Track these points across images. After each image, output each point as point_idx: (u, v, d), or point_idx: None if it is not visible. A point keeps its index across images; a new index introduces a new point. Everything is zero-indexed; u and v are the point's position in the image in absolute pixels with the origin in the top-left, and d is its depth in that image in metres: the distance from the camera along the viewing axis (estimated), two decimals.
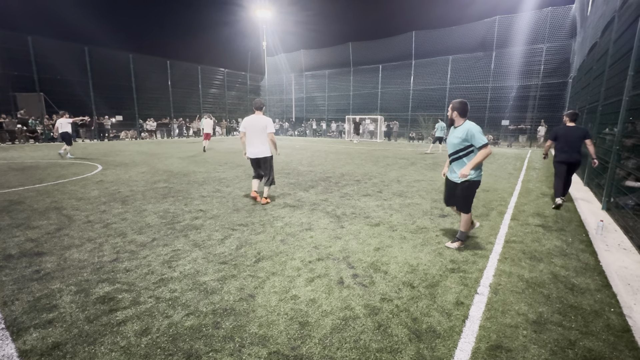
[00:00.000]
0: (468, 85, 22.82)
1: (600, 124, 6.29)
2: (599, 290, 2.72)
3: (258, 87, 35.74)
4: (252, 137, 5.15)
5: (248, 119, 5.17)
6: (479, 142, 3.20)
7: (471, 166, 3.21)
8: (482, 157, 3.19)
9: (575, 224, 4.55)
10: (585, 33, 11.58)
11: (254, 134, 5.14)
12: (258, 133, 5.13)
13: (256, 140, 5.16)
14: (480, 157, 3.20)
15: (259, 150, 5.21)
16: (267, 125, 5.16)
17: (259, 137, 5.15)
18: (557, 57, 19.77)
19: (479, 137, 3.20)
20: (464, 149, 3.33)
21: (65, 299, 2.49)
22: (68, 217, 4.56)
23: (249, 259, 3.25)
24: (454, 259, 3.32)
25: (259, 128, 5.13)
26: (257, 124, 5.13)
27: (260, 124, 5.13)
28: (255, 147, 5.19)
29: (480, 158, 3.19)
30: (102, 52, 22.50)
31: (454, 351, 1.98)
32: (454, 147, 3.41)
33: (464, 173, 3.22)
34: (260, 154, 5.24)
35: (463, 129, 3.31)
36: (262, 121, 5.14)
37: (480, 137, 3.20)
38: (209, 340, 2.05)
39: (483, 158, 3.20)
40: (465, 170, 3.23)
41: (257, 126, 5.13)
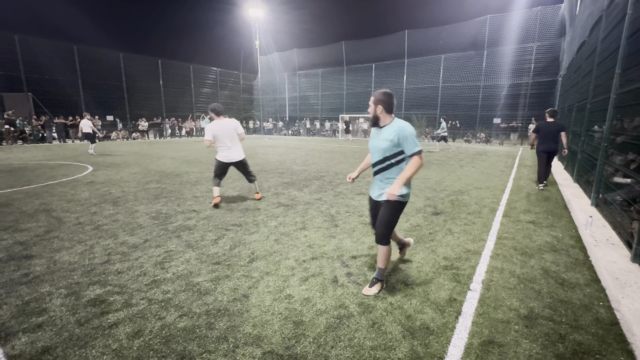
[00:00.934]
0: (460, 83, 23.05)
1: (589, 121, 6.40)
2: (588, 285, 2.77)
3: (251, 86, 35.57)
4: (225, 141, 5.03)
5: (214, 125, 4.96)
6: (413, 148, 2.42)
7: (402, 182, 2.41)
8: (415, 169, 2.42)
9: (565, 220, 4.62)
10: (574, 32, 11.77)
11: (226, 138, 5.02)
12: (230, 136, 5.04)
13: (229, 143, 5.06)
14: (413, 169, 2.42)
15: (236, 153, 5.17)
16: (237, 127, 5.13)
17: (232, 140, 5.08)
18: (547, 55, 20.09)
19: (413, 141, 2.43)
20: (394, 155, 2.52)
21: (55, 302, 2.45)
22: (58, 219, 4.49)
23: (243, 259, 3.24)
24: (446, 256, 3.35)
25: (229, 131, 5.03)
26: (226, 127, 5.01)
27: (230, 127, 5.04)
28: (231, 151, 5.11)
29: (413, 170, 2.42)
30: (91, 51, 22.17)
31: (447, 347, 2.00)
32: (381, 153, 2.56)
33: (393, 192, 2.39)
34: (237, 158, 5.21)
35: (392, 130, 2.50)
36: (231, 124, 5.06)
37: (415, 142, 2.44)
38: (202, 341, 2.03)
39: (416, 170, 2.44)
40: (394, 188, 2.40)
41: (227, 130, 5.01)
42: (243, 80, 34.33)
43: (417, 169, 2.44)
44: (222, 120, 5.02)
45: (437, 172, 8.97)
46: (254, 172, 5.61)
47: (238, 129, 5.13)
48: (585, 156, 6.31)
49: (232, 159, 5.15)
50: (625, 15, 4.16)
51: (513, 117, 21.96)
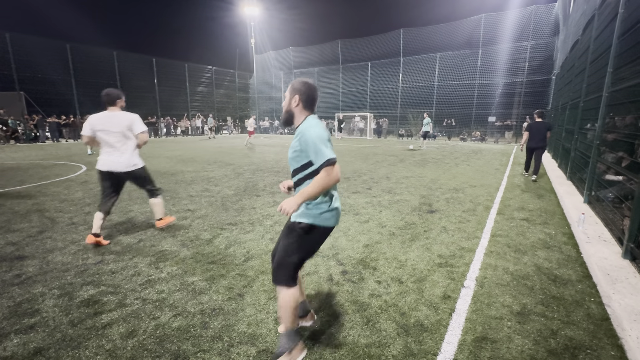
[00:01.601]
0: (455, 82, 23.15)
1: (582, 119, 6.46)
2: (580, 281, 2.81)
3: (247, 85, 35.42)
4: (110, 141, 3.51)
5: (97, 117, 3.51)
6: (318, 158, 1.64)
7: (301, 198, 1.63)
8: (319, 185, 1.62)
9: (558, 217, 4.67)
10: (568, 31, 11.86)
11: (112, 138, 3.50)
12: (118, 136, 3.51)
13: (117, 144, 3.52)
14: (316, 185, 1.62)
15: (122, 160, 3.54)
16: (132, 124, 3.55)
17: (121, 141, 3.52)
18: (541, 54, 20.24)
19: (321, 147, 1.63)
20: (303, 167, 1.77)
21: (48, 303, 2.43)
22: (51, 220, 4.44)
23: (238, 258, 3.23)
24: (441, 253, 3.37)
25: (119, 129, 3.49)
26: (114, 123, 3.48)
27: (120, 123, 3.49)
28: (115, 156, 3.53)
29: (317, 186, 1.62)
30: (84, 50, 21.92)
31: (441, 344, 2.02)
32: (291, 165, 1.84)
33: (285, 207, 1.61)
34: (122, 167, 3.53)
35: (297, 133, 1.78)
36: (123, 118, 3.51)
37: (320, 150, 1.63)
38: (197, 341, 2.03)
39: (322, 186, 1.62)
40: (288, 202, 1.62)
41: (114, 126, 3.48)
42: (239, 79, 34.16)
43: (323, 186, 1.62)
44: (111, 113, 3.52)
45: (432, 170, 9.01)
46: (158, 185, 4.05)
47: (134, 127, 3.55)
48: (578, 154, 6.37)
49: (114, 168, 3.52)
50: (617, 14, 4.20)
51: (508, 116, 22.13)
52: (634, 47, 3.65)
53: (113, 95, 3.55)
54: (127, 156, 3.56)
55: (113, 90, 3.57)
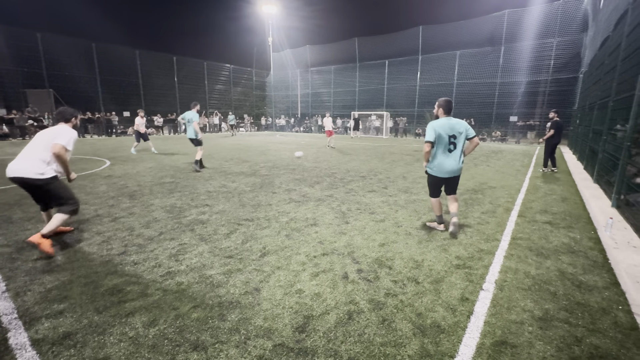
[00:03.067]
0: (475, 80, 22.53)
1: (611, 119, 6.16)
2: (607, 288, 2.69)
3: (264, 83, 35.73)
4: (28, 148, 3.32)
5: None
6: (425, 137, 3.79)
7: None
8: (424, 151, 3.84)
9: (583, 221, 4.49)
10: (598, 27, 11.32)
11: (30, 145, 3.33)
12: (38, 144, 3.32)
13: (29, 150, 3.31)
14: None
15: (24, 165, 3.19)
16: (57, 135, 3.28)
17: (36, 149, 3.30)
18: (568, 51, 19.39)
19: (429, 132, 3.70)
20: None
21: (76, 291, 2.54)
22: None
23: (255, 254, 3.28)
24: (459, 255, 3.31)
25: (43, 138, 3.34)
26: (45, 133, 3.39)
27: (48, 134, 3.35)
28: (21, 161, 3.23)
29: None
30: (109, 49, 22.71)
31: (459, 346, 1.98)
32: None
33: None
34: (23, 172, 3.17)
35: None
36: (53, 131, 3.36)
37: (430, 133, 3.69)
38: (215, 332, 2.08)
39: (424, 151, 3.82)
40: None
41: (42, 135, 3.37)
42: (256, 77, 34.51)
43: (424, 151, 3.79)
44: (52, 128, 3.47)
45: None
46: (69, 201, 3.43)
47: (57, 138, 3.26)
48: (606, 156, 6.09)
49: (15, 172, 3.16)
50: None
51: (530, 115, 21.36)
52: None
53: (60, 115, 3.56)
54: (32, 161, 3.24)
55: (64, 110, 3.58)
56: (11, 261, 3.05)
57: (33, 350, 1.91)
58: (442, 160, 3.72)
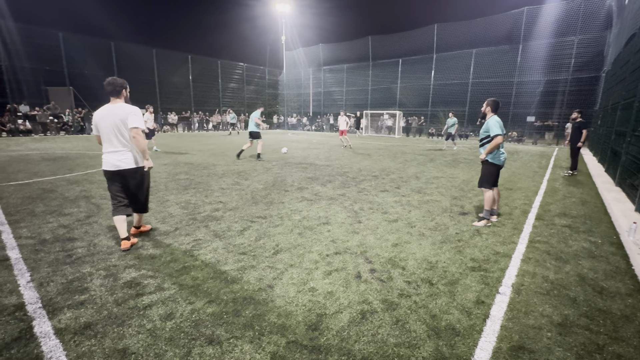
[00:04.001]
0: (492, 79, 22.03)
1: (636, 120, 5.93)
2: (630, 295, 2.60)
3: (276, 81, 35.92)
4: (110, 137, 3.17)
5: (98, 111, 3.21)
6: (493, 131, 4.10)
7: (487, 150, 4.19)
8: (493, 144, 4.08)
9: (605, 225, 4.34)
10: (623, 23, 10.89)
11: (110, 133, 3.15)
12: (116, 131, 3.14)
13: (116, 140, 3.17)
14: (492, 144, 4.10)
15: (123, 158, 3.21)
16: (128, 116, 3.12)
17: (120, 138, 3.17)
18: (590, 50, 18.72)
19: (494, 127, 4.07)
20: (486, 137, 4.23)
21: (96, 283, 2.62)
22: (96, 206, 4.78)
23: (268, 251, 3.31)
24: (474, 257, 3.25)
25: (115, 122, 3.13)
26: (111, 115, 3.13)
27: (116, 115, 3.12)
28: (118, 154, 3.20)
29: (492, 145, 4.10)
30: (126, 48, 23.26)
31: (474, 350, 1.95)
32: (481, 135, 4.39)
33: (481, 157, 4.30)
34: (125, 164, 3.21)
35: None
36: (120, 111, 3.13)
37: (495, 129, 4.07)
38: (229, 327, 2.11)
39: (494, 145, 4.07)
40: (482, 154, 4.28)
41: (111, 120, 3.13)
42: (269, 76, 34.73)
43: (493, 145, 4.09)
44: (112, 105, 3.18)
45: (464, 171, 8.68)
46: (149, 199, 3.62)
47: (129, 120, 3.11)
48: (630, 158, 5.86)
49: (118, 166, 3.20)
50: None
51: (549, 116, 20.75)
52: None
53: (113, 87, 3.19)
54: (127, 152, 3.24)
55: (115, 81, 3.21)
56: (35, 253, 3.17)
57: (57, 338, 1.98)
58: (502, 152, 4.22)
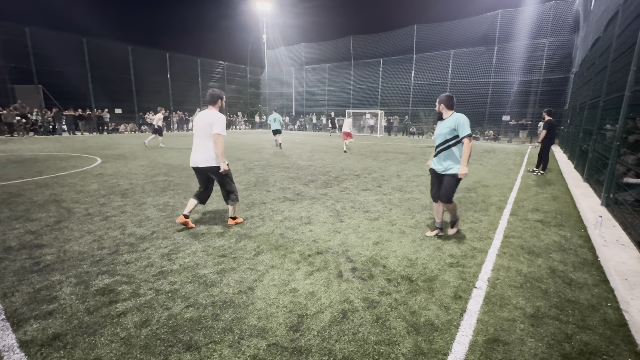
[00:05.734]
0: (469, 80, 22.69)
1: (601, 119, 6.26)
2: (596, 285, 2.74)
3: (258, 80, 35.51)
4: (197, 138, 3.88)
5: (197, 116, 3.97)
6: (464, 131, 3.46)
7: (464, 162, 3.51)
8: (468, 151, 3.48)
9: (574, 220, 4.56)
10: (589, 27, 11.48)
11: (198, 135, 3.87)
12: (202, 133, 3.82)
13: (198, 141, 3.88)
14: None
15: (200, 156, 3.83)
16: (213, 122, 3.73)
17: (202, 139, 3.83)
18: (560, 52, 19.64)
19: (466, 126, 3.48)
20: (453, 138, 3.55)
21: (65, 291, 2.50)
22: (67, 210, 4.56)
23: (249, 252, 3.26)
24: (452, 253, 3.33)
25: (203, 126, 3.79)
26: (201, 121, 3.83)
27: (205, 121, 3.77)
28: (196, 153, 3.87)
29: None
30: (100, 44, 22.32)
31: (452, 344, 2.00)
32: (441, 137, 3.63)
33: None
34: (201, 162, 3.83)
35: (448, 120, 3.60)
36: (208, 117, 3.76)
37: (467, 127, 3.49)
38: (208, 332, 2.06)
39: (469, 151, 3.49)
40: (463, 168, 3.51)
41: (201, 124, 3.82)
42: (250, 75, 34.29)
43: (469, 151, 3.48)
44: (205, 112, 3.90)
45: None
46: (236, 192, 4.05)
47: (214, 126, 3.73)
48: (596, 155, 6.19)
49: (195, 163, 3.86)
50: None
51: (523, 115, 21.61)
52: None
53: (211, 97, 3.90)
54: (205, 151, 3.83)
55: (214, 91, 3.91)
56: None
57: (21, 352, 1.87)
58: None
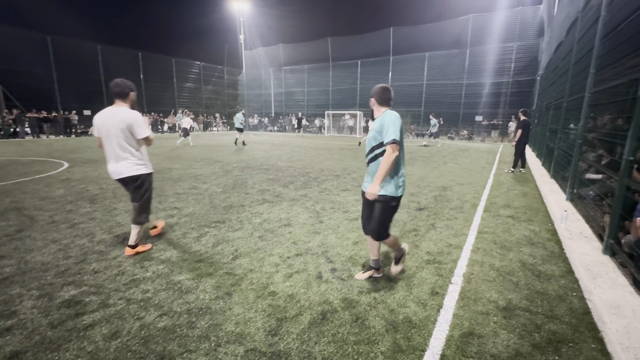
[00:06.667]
0: (444, 81, 23.42)
1: (565, 119, 6.63)
2: (562, 276, 2.88)
3: (236, 81, 34.98)
4: (112, 143, 2.95)
5: (99, 114, 2.98)
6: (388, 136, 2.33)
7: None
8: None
9: (542, 214, 4.79)
10: (552, 32, 12.14)
11: (111, 139, 2.94)
12: (117, 137, 2.92)
13: (117, 148, 2.96)
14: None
15: (123, 166, 3.01)
16: (132, 123, 2.91)
17: (121, 144, 2.95)
18: (527, 55, 20.66)
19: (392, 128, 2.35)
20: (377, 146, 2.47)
21: (26, 305, 2.34)
22: (30, 218, 4.28)
23: (226, 257, 3.19)
24: (429, 250, 3.41)
25: (115, 128, 2.90)
26: (111, 120, 2.90)
27: (116, 121, 2.89)
28: (118, 163, 3.01)
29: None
30: (67, 43, 21.18)
31: (429, 340, 2.03)
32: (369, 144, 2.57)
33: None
34: (124, 172, 3.02)
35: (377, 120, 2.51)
36: (121, 117, 2.90)
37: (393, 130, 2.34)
38: (183, 341, 1.99)
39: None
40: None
41: (112, 124, 2.90)
42: (227, 75, 33.70)
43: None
44: (112, 109, 2.95)
45: (421, 168, 9.10)
46: (147, 211, 3.30)
47: (133, 127, 2.91)
48: (561, 153, 6.54)
49: (119, 174, 3.04)
50: (599, 17, 4.31)
51: (494, 115, 22.54)
52: (615, 49, 3.76)
53: (118, 89, 2.96)
54: (128, 160, 3.06)
55: (120, 83, 2.98)
56: None
57: None
58: (402, 172, 2.51)
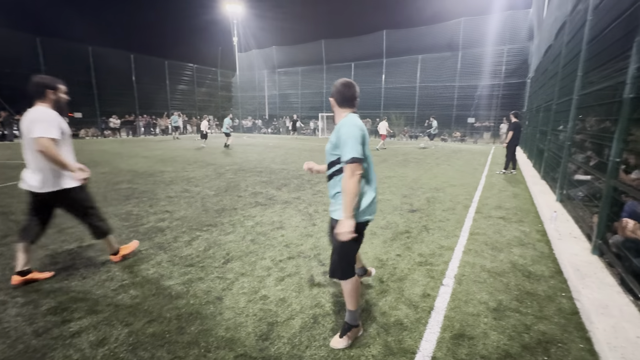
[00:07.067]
0: (437, 83, 23.64)
1: (554, 121, 6.74)
2: (552, 277, 2.91)
3: (229, 83, 34.85)
4: (26, 150, 2.60)
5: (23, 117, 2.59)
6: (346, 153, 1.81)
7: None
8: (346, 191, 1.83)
9: (532, 215, 4.84)
10: (542, 36, 12.35)
11: (26, 145, 2.58)
12: (27, 144, 2.56)
13: (29, 157, 2.59)
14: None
15: (33, 177, 2.59)
16: (34, 125, 2.44)
17: (30, 153, 2.57)
18: (517, 58, 20.97)
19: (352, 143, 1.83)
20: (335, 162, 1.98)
21: (10, 313, 2.28)
22: (17, 223, 4.19)
23: (218, 261, 3.16)
24: (421, 252, 3.42)
25: (25, 133, 2.53)
26: (24, 126, 2.53)
27: (26, 125, 2.50)
28: (28, 172, 2.63)
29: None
30: (57, 44, 20.91)
31: (420, 342, 2.03)
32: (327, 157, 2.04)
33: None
34: (34, 185, 2.58)
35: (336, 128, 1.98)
36: (31, 116, 2.50)
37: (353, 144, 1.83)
38: (172, 347, 1.96)
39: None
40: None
41: (23, 130, 2.54)
42: (221, 77, 33.56)
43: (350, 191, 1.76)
44: (33, 109, 2.55)
45: (414, 170, 9.16)
46: (102, 217, 3.03)
47: (33, 130, 2.43)
48: (551, 154, 6.64)
49: (30, 187, 2.60)
50: (585, 21, 4.40)
51: (486, 117, 22.81)
52: (602, 53, 3.83)
53: (37, 87, 2.59)
54: (37, 171, 2.58)
55: (41, 80, 2.63)
56: None
57: None
58: (373, 189, 2.10)
